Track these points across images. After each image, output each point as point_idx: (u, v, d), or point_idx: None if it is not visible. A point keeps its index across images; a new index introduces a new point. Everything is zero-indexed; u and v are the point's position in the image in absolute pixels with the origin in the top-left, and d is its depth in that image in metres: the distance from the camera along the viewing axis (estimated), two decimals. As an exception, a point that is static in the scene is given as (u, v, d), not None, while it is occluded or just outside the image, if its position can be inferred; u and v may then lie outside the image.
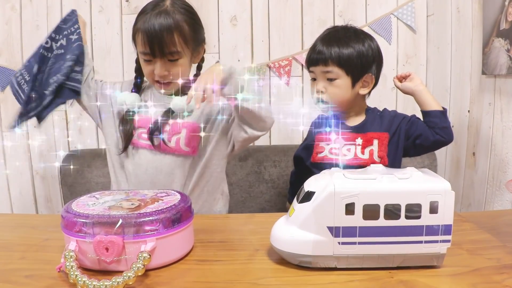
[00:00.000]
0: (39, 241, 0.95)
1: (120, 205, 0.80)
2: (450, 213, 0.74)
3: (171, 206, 0.79)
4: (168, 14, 1.06)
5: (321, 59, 1.20)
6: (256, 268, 0.79)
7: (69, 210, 0.78)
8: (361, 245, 0.74)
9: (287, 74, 1.85)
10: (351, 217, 0.72)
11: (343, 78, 1.20)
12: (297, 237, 0.75)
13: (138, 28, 1.09)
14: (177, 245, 0.80)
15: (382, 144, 1.22)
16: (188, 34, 1.10)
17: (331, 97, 1.21)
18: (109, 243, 0.72)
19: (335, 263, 0.76)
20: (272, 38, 1.84)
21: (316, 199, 0.73)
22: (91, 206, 0.80)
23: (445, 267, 0.78)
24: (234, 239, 0.94)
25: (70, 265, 0.71)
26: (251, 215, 1.12)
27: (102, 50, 1.84)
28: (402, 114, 1.28)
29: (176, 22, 1.07)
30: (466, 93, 1.60)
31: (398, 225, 0.73)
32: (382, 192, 0.72)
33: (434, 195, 0.73)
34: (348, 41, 1.19)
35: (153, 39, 1.05)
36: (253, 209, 1.74)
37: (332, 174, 0.77)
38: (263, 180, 1.74)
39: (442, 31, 1.77)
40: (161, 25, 1.05)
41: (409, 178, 0.75)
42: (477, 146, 1.54)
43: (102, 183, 1.72)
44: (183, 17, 1.09)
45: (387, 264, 0.76)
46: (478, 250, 0.85)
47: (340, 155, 1.22)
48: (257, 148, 1.80)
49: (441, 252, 0.76)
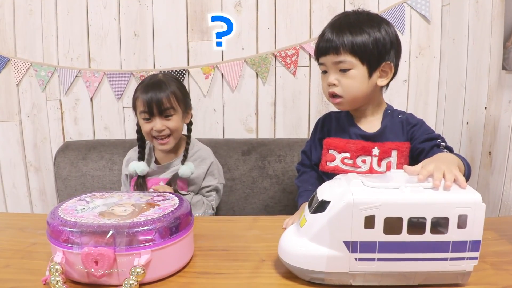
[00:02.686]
0: (26, 245, 0.89)
1: (112, 211, 0.73)
2: (480, 228, 0.67)
3: (168, 213, 0.72)
4: (163, 81, 1.32)
5: (332, 47, 1.05)
6: (262, 284, 0.72)
7: (56, 216, 0.70)
8: (380, 261, 0.66)
9: (293, 64, 1.76)
10: (370, 231, 0.65)
11: (358, 68, 1.05)
12: (309, 251, 0.67)
13: (138, 96, 1.31)
14: (175, 256, 0.73)
15: (402, 156, 1.09)
16: (180, 97, 1.33)
17: (345, 90, 1.07)
18: (98, 255, 0.65)
19: (350, 280, 0.69)
20: (279, 25, 1.75)
21: (332, 209, 0.66)
22: (80, 212, 0.72)
23: (469, 285, 0.71)
24: (237, 247, 0.86)
25: (55, 280, 0.64)
26: (255, 218, 1.05)
27: (99, 36, 1.75)
28: (429, 129, 1.12)
29: (170, 86, 1.31)
30: (483, 89, 1.51)
31: (423, 241, 0.66)
32: (406, 203, 0.65)
33: (463, 208, 0.65)
34: (361, 26, 1.05)
35: (152, 99, 1.27)
36: (256, 205, 1.67)
37: (349, 181, 0.69)
38: (267, 175, 1.67)
39: (458, 22, 1.67)
40: (159, 88, 1.29)
41: (435, 187, 0.67)
42: (494, 145, 1.46)
43: (97, 176, 1.65)
44: (175, 84, 1.35)
45: (407, 282, 0.69)
46: (504, 265, 0.78)
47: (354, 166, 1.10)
48: (260, 142, 1.72)
49: (467, 270, 0.69)
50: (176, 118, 1.32)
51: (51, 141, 1.83)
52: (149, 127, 1.30)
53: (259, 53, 1.76)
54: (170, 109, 1.30)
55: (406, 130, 1.13)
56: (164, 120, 1.30)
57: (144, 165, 1.37)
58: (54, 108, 1.80)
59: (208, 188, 1.41)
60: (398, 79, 1.78)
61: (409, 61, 1.77)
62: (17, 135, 1.83)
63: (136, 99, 1.33)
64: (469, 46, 1.60)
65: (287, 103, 1.80)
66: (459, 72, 1.67)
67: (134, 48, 1.76)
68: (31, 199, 1.88)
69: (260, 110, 1.81)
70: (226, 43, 1.76)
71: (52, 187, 1.82)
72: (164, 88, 1.30)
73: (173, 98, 1.30)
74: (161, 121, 1.29)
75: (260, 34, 1.76)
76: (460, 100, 1.65)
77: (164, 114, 1.29)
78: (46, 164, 1.85)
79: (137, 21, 1.74)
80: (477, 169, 1.56)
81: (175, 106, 1.31)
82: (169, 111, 1.30)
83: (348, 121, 1.16)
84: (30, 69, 1.76)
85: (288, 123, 1.82)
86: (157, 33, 1.75)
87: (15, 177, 1.86)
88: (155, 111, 1.28)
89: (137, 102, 1.32)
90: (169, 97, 1.29)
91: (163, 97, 1.28)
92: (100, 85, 1.78)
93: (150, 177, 1.40)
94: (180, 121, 1.34)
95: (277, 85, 1.79)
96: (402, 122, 1.14)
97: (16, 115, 1.81)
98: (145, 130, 1.32)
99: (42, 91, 1.78)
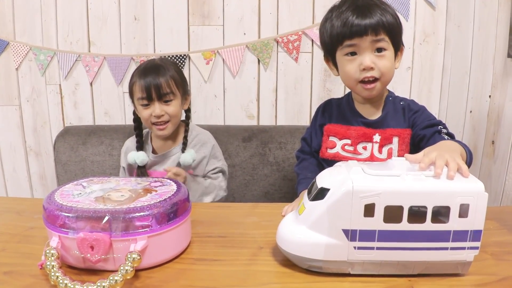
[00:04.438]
0: (23, 229, 0.88)
1: (109, 196, 0.72)
2: (482, 218, 0.65)
3: (165, 199, 0.71)
4: (161, 65, 1.30)
5: (371, 26, 0.97)
6: (259, 271, 0.71)
7: (52, 201, 0.70)
8: (380, 250, 0.66)
9: (296, 50, 1.73)
10: (370, 219, 0.64)
11: (390, 50, 1.02)
12: (307, 239, 0.66)
13: (135, 81, 1.28)
14: (172, 242, 0.72)
15: (403, 143, 1.07)
16: (178, 81, 1.31)
17: (382, 72, 1.01)
18: (94, 241, 0.64)
19: (349, 269, 0.68)
20: (281, 10, 1.72)
21: (331, 197, 0.64)
22: (76, 197, 0.71)
23: (469, 275, 0.70)
24: (235, 233, 0.85)
25: (51, 264, 0.63)
26: (254, 205, 1.04)
27: (99, 19, 1.72)
28: (431, 115, 1.10)
29: (169, 70, 1.29)
30: (488, 76, 1.49)
31: (423, 230, 0.64)
32: (407, 192, 0.63)
33: (465, 197, 0.64)
34: (384, 7, 1.01)
35: (150, 84, 1.24)
36: (256, 192, 1.66)
37: (350, 169, 0.68)
38: (268, 162, 1.66)
39: (463, 8, 1.64)
40: (157, 73, 1.26)
41: (437, 176, 0.66)
42: (497, 134, 1.45)
43: (97, 161, 1.64)
44: (173, 68, 1.32)
45: (406, 272, 0.68)
46: (505, 255, 0.78)
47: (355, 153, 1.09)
48: (261, 128, 1.71)
49: (467, 259, 0.68)
50: (175, 103, 1.29)
51: (51, 125, 1.82)
52: (148, 113, 1.28)
53: (261, 38, 1.73)
54: (170, 93, 1.27)
55: (407, 116, 1.11)
56: (163, 105, 1.27)
57: (143, 155, 1.34)
58: (54, 93, 1.79)
59: (213, 170, 1.39)
60: (402, 66, 1.75)
61: (413, 48, 1.74)
62: (16, 119, 1.81)
63: (134, 85, 1.29)
64: (474, 33, 1.58)
65: (288, 90, 1.78)
66: (463, 59, 1.64)
67: (135, 33, 1.74)
68: (31, 184, 1.88)
69: (262, 96, 1.79)
70: (227, 28, 1.73)
71: (52, 171, 1.81)
72: (162, 72, 1.27)
73: (172, 83, 1.27)
74: (160, 106, 1.27)
75: (262, 19, 1.73)
76: (464, 88, 1.63)
77: (164, 99, 1.27)
78: (46, 148, 1.84)
79: (138, 4, 1.71)
80: (480, 158, 1.54)
81: (174, 91, 1.29)
82: (168, 96, 1.27)
83: (349, 108, 1.14)
84: (30, 53, 1.74)
85: (289, 110, 1.81)
86: (158, 17, 1.72)
87: (15, 162, 1.86)
88: (154, 96, 1.25)
89: (135, 88, 1.29)
90: (168, 82, 1.27)
91: (162, 82, 1.25)
92: (100, 70, 1.76)
93: (152, 169, 1.38)
94: (179, 106, 1.32)
95: (279, 71, 1.76)
96: (403, 108, 1.12)
97: (16, 99, 1.80)
98: (144, 116, 1.30)
99: (42, 75, 1.77)
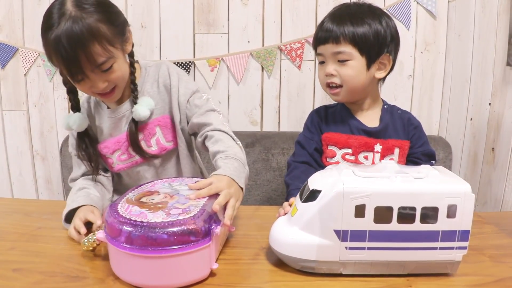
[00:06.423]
0: (32, 229, 0.91)
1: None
2: (469, 218, 0.67)
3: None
4: (77, 23, 0.86)
5: (332, 37, 1.03)
6: (261, 270, 0.73)
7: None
8: (370, 250, 0.68)
9: (299, 58, 1.76)
10: (361, 220, 0.66)
11: (357, 59, 1.04)
12: (299, 240, 0.69)
13: (52, 51, 0.89)
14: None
15: (403, 154, 1.10)
16: (110, 34, 0.91)
17: (344, 80, 1.05)
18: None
19: (340, 269, 0.70)
20: (285, 19, 1.75)
21: (322, 198, 0.67)
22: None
23: (466, 276, 0.72)
24: (238, 234, 0.88)
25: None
26: (257, 208, 1.07)
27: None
28: (425, 136, 1.16)
29: (91, 30, 0.87)
30: (488, 84, 1.51)
31: (412, 230, 0.67)
32: (396, 193, 0.66)
33: (453, 198, 0.66)
34: (362, 17, 1.04)
35: (72, 61, 0.88)
36: (259, 197, 1.68)
37: (341, 171, 0.70)
38: (270, 168, 1.68)
39: (464, 18, 1.66)
40: (76, 42, 0.86)
41: (425, 178, 0.69)
42: (497, 141, 1.46)
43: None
44: (96, 17, 0.89)
45: (397, 271, 0.70)
46: (502, 257, 0.79)
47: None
48: (265, 134, 1.73)
49: (456, 259, 0.70)
50: (117, 65, 0.96)
51: (58, 130, 1.85)
52: (86, 87, 0.96)
53: (265, 46, 1.76)
54: (105, 62, 0.92)
55: (408, 129, 1.14)
56: (103, 75, 0.94)
57: (79, 118, 1.04)
58: (61, 98, 1.82)
59: (204, 111, 1.06)
60: (403, 74, 1.78)
61: (415, 57, 1.77)
62: (24, 124, 1.85)
63: (51, 54, 0.90)
64: (474, 42, 1.60)
65: (291, 97, 1.81)
66: (464, 68, 1.66)
67: (141, 40, 1.78)
68: (37, 187, 1.92)
69: (265, 103, 1.82)
70: (232, 36, 1.77)
71: (58, 175, 1.85)
72: (84, 36, 0.86)
73: (103, 45, 0.90)
74: (100, 77, 0.94)
75: (266, 28, 1.76)
76: (465, 96, 1.65)
77: (100, 69, 0.93)
78: (52, 153, 1.87)
79: (144, 12, 1.76)
80: (480, 164, 1.55)
81: (110, 54, 0.92)
82: (104, 64, 0.92)
83: (347, 114, 1.14)
84: (38, 59, 1.78)
85: (292, 116, 1.83)
86: (164, 25, 1.76)
87: (21, 165, 1.89)
88: (85, 71, 0.91)
89: (53, 60, 0.91)
90: (97, 48, 0.89)
91: (87, 52, 0.88)
92: (107, 76, 1.80)
93: (108, 142, 1.10)
94: (123, 64, 0.99)
95: (282, 79, 1.79)
96: (402, 119, 1.14)
97: (24, 104, 1.84)
98: (82, 90, 0.98)
99: (50, 81, 1.81)
